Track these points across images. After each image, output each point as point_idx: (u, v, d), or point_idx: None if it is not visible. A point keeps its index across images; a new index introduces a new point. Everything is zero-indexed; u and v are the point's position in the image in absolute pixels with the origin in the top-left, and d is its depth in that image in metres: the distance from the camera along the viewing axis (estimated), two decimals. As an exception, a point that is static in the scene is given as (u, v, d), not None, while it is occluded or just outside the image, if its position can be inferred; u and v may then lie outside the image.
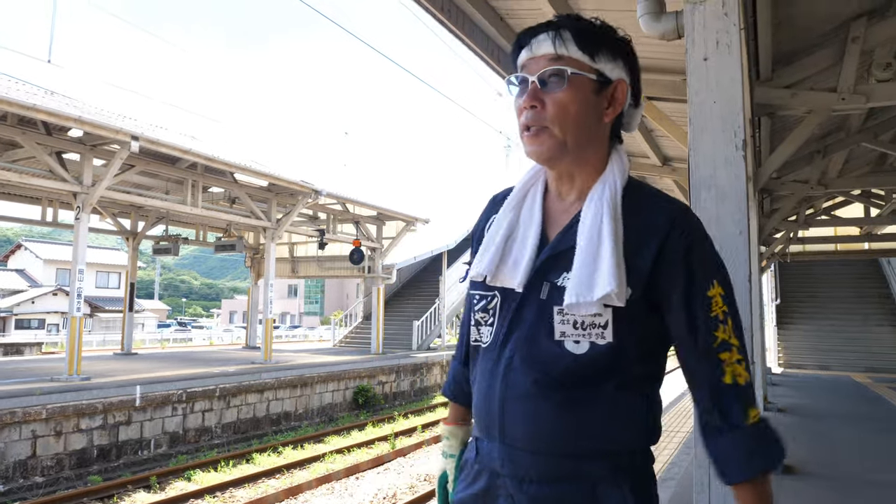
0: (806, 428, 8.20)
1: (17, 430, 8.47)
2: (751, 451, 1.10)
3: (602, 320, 1.12)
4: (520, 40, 1.24)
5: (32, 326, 39.63)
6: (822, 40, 4.91)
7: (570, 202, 1.25)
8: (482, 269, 1.23)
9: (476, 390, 1.27)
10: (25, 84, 13.34)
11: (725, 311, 1.14)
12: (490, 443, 1.22)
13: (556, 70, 1.17)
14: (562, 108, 1.17)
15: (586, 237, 1.15)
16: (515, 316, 1.20)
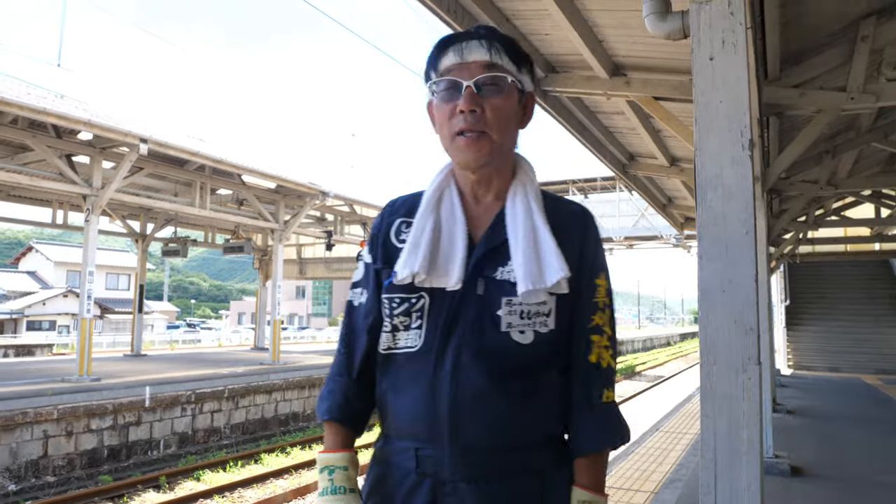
0: (815, 430, 8.15)
1: (28, 430, 8.53)
2: (600, 429, 1.23)
3: (546, 308, 1.19)
4: (443, 44, 1.24)
5: (43, 328, 39.88)
6: (831, 39, 4.88)
7: (488, 202, 1.28)
8: (415, 268, 1.20)
9: (407, 398, 1.21)
10: (35, 88, 13.43)
11: (606, 303, 1.26)
12: (437, 450, 1.17)
13: (495, 77, 1.20)
14: (500, 114, 1.20)
15: (521, 231, 1.20)
16: (453, 314, 1.19)
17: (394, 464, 1.23)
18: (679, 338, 61.79)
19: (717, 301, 1.78)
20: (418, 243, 1.23)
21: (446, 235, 1.24)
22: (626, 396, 17.78)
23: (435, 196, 1.29)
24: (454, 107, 1.20)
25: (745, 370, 1.75)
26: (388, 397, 1.26)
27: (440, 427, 1.16)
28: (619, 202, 25.00)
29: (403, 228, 1.30)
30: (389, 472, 1.24)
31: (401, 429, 1.23)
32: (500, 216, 1.24)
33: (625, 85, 5.24)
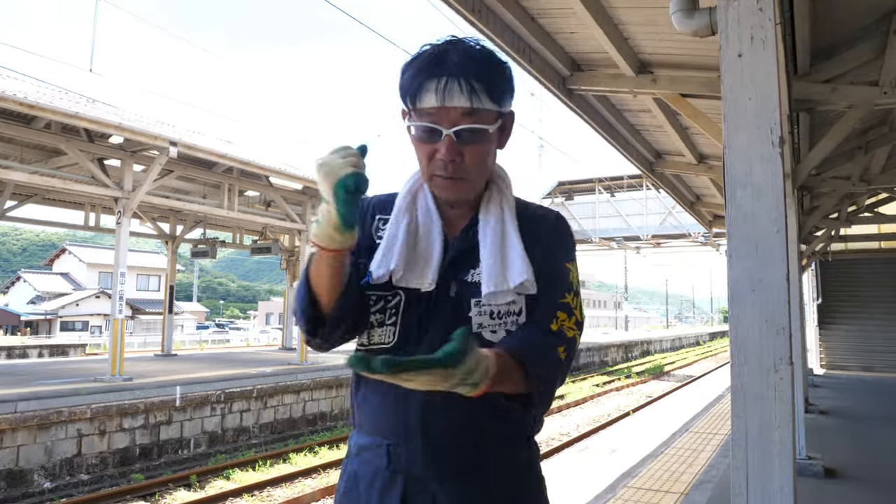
0: (848, 430, 8.00)
1: (63, 428, 8.71)
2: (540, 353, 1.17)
3: (517, 307, 1.22)
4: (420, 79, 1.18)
5: (76, 328, 40.74)
6: (863, 33, 4.78)
7: (463, 209, 1.30)
8: (391, 266, 1.21)
9: (379, 394, 1.23)
10: (68, 93, 13.71)
11: (578, 289, 1.28)
12: (409, 446, 1.19)
13: (476, 129, 1.18)
14: (480, 160, 1.22)
15: (491, 235, 1.23)
16: (426, 314, 1.22)
17: (366, 459, 1.24)
18: (708, 337, 60.99)
19: (748, 301, 1.76)
20: (393, 243, 1.25)
21: (423, 235, 1.27)
22: (654, 396, 17.61)
23: (408, 198, 1.31)
24: (433, 149, 1.20)
25: (776, 370, 1.73)
26: (361, 392, 1.28)
27: (412, 424, 1.19)
28: (646, 200, 24.79)
29: (381, 225, 1.31)
30: (362, 468, 1.25)
31: (374, 424, 1.25)
32: (474, 220, 1.27)
33: (651, 82, 5.19)
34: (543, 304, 1.23)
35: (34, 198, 14.54)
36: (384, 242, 1.26)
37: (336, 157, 1.04)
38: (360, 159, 1.05)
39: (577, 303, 1.26)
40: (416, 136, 1.23)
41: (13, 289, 46.47)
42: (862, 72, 5.06)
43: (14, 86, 10.94)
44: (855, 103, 4.98)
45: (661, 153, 8.45)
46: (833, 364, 17.34)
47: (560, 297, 1.24)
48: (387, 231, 1.28)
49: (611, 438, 9.18)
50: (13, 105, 9.15)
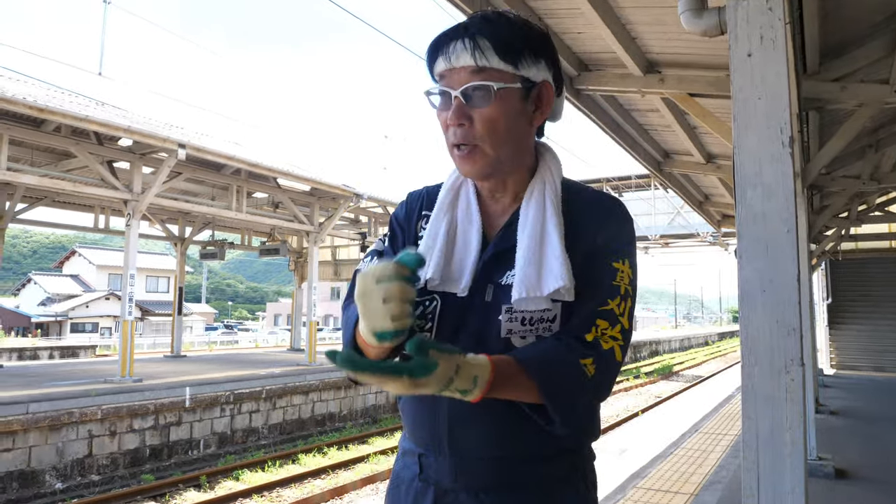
0: (860, 431, 7.95)
1: (74, 429, 8.77)
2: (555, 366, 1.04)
3: (551, 315, 1.11)
4: (434, 47, 1.15)
5: (87, 330, 40.97)
6: (873, 31, 4.75)
7: (506, 203, 1.22)
8: (428, 273, 1.16)
9: (415, 403, 1.20)
10: (78, 96, 13.81)
11: (629, 291, 1.13)
12: (438, 457, 1.16)
13: (480, 85, 1.10)
14: (491, 125, 1.11)
15: (528, 234, 1.13)
16: (460, 320, 1.15)
17: (407, 464, 1.23)
18: (717, 337, 60.74)
19: (758, 301, 1.75)
20: (431, 247, 1.19)
21: (461, 238, 1.20)
22: (663, 397, 17.56)
23: (450, 195, 1.25)
24: (446, 118, 1.13)
25: (787, 371, 1.72)
26: (403, 397, 1.23)
27: (440, 435, 1.15)
28: (654, 200, 24.70)
29: (424, 224, 1.26)
30: (404, 472, 1.23)
31: (411, 431, 1.22)
32: (515, 218, 1.18)
33: (659, 82, 5.18)
34: (583, 311, 1.11)
35: (44, 200, 14.64)
36: (422, 248, 1.20)
37: (377, 296, 0.93)
38: (406, 291, 0.94)
39: (626, 308, 1.12)
40: (436, 105, 1.17)
41: (24, 291, 46.80)
42: (872, 70, 5.02)
43: (24, 89, 11.02)
44: (865, 102, 4.95)
45: (669, 153, 8.42)
46: (843, 364, 17.24)
47: (602, 303, 1.11)
48: (426, 234, 1.22)
49: (620, 439, 9.16)
50: (24, 108, 9.22)
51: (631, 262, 1.15)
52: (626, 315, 1.12)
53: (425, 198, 1.30)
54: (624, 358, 1.12)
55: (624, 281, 1.13)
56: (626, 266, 1.14)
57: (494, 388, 0.98)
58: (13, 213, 13.80)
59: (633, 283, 1.15)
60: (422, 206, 1.29)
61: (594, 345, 1.07)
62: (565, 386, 1.05)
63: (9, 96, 8.92)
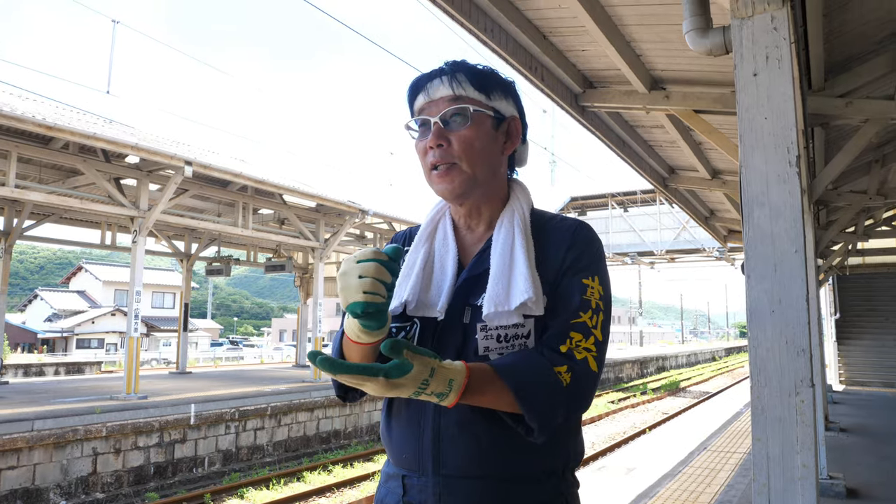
0: (870, 449, 7.86)
1: (78, 447, 8.75)
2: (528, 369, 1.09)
3: (524, 330, 1.16)
4: (414, 86, 1.28)
5: (92, 346, 41.01)
6: (878, 47, 4.76)
7: (480, 233, 1.31)
8: (404, 297, 1.23)
9: (398, 425, 1.24)
10: (86, 114, 13.92)
11: (600, 305, 1.18)
12: (422, 478, 1.18)
13: (458, 109, 1.22)
14: (468, 144, 1.22)
15: (498, 256, 1.20)
16: (439, 343, 1.20)
17: (389, 489, 1.25)
18: (724, 352, 60.39)
19: (767, 322, 1.74)
20: (408, 274, 1.27)
21: (438, 265, 1.28)
22: (670, 413, 17.42)
23: (429, 227, 1.34)
24: (426, 143, 1.23)
25: (797, 392, 1.70)
26: (386, 422, 1.28)
27: (424, 455, 1.17)
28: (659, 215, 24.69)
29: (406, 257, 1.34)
30: (386, 499, 1.25)
31: (393, 454, 1.25)
32: (488, 244, 1.26)
33: (664, 99, 5.18)
34: (556, 324, 1.16)
35: (52, 217, 14.72)
36: (400, 276, 1.27)
37: (354, 273, 1.03)
38: (382, 271, 1.03)
39: (598, 321, 1.17)
40: (415, 137, 1.28)
41: (30, 307, 46.92)
42: (877, 86, 5.03)
43: (33, 107, 11.11)
44: (870, 117, 4.95)
45: (674, 168, 8.42)
46: (852, 380, 17.10)
47: (573, 315, 1.16)
48: (405, 264, 1.31)
49: (627, 457, 9.07)
50: (32, 126, 9.29)
51: (601, 279, 1.21)
52: (598, 327, 1.16)
53: (408, 236, 1.41)
54: (600, 370, 1.16)
55: (594, 296, 1.18)
56: (596, 282, 1.20)
57: (470, 393, 1.03)
58: (21, 229, 13.88)
59: (605, 298, 1.19)
60: (407, 243, 1.38)
61: (568, 355, 1.12)
62: (540, 390, 1.08)
63: (18, 114, 9.00)
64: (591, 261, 1.22)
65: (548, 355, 1.11)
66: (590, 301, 1.17)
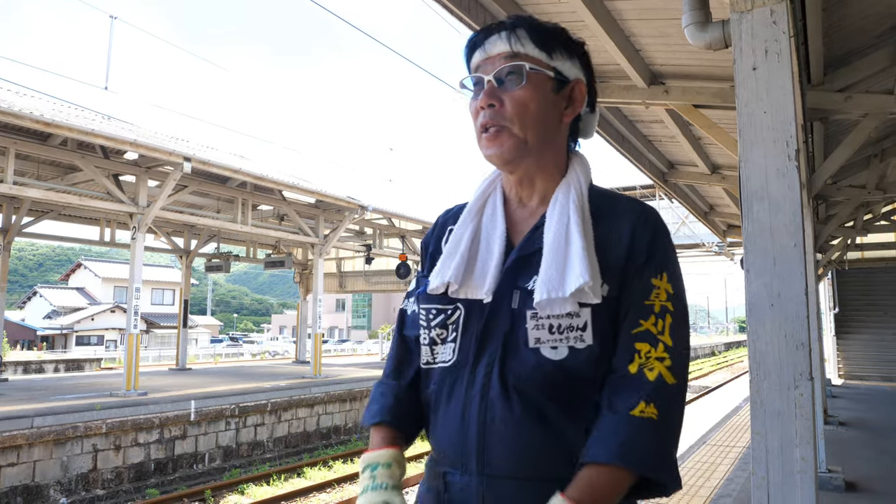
0: (869, 442, 7.88)
1: (79, 444, 8.76)
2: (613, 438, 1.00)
3: (580, 321, 1.06)
4: (471, 42, 1.19)
5: (92, 343, 41.01)
6: (877, 41, 4.75)
7: (532, 207, 1.20)
8: (447, 277, 1.14)
9: (441, 418, 1.14)
10: (84, 110, 13.89)
11: (666, 307, 1.08)
12: (464, 476, 1.09)
13: (513, 67, 1.13)
14: (521, 106, 1.12)
15: (553, 236, 1.10)
16: (486, 329, 1.11)
17: (430, 487, 1.17)
18: (724, 347, 60.42)
19: (766, 316, 1.74)
20: (453, 252, 1.17)
21: (485, 243, 1.18)
22: (669, 408, 17.43)
23: (479, 202, 1.24)
24: (478, 104, 1.15)
25: (796, 386, 1.71)
26: (428, 415, 1.19)
27: (468, 451, 1.08)
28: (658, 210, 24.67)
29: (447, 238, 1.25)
30: (427, 495, 1.17)
31: (436, 450, 1.17)
32: (541, 221, 1.15)
33: (663, 93, 5.18)
34: (620, 337, 1.07)
35: (50, 214, 14.71)
36: (445, 252, 1.19)
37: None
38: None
39: (665, 326, 1.06)
40: (469, 96, 1.19)
41: (29, 304, 46.91)
42: (876, 80, 5.02)
43: (31, 104, 11.09)
44: (869, 112, 4.95)
45: (673, 163, 8.42)
46: (851, 374, 17.14)
47: (635, 324, 1.07)
48: (450, 240, 1.21)
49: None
50: (30, 123, 9.27)
51: (670, 275, 1.11)
52: (666, 332, 1.07)
53: (453, 215, 1.30)
54: (680, 377, 1.06)
55: (660, 297, 1.09)
56: (664, 280, 1.10)
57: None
58: (19, 226, 13.86)
59: (675, 297, 1.10)
60: (447, 223, 1.29)
61: (638, 380, 1.04)
62: (640, 449, 1.00)
63: (16, 111, 8.98)
64: (659, 254, 1.11)
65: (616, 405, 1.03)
66: (653, 305, 1.08)
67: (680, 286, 1.12)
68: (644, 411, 1.01)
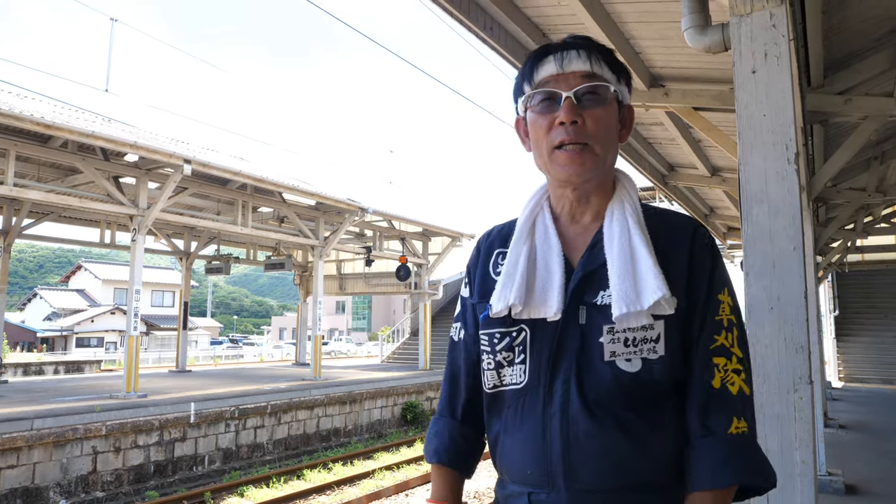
0: (869, 446, 7.87)
1: (78, 446, 8.75)
2: (721, 461, 1.06)
3: (654, 333, 1.09)
4: (541, 55, 1.20)
5: (92, 344, 40.98)
6: (877, 44, 4.76)
7: (585, 223, 1.22)
8: (510, 300, 1.15)
9: (517, 440, 1.15)
10: (84, 112, 13.90)
11: (731, 321, 1.14)
12: (552, 493, 1.10)
13: (594, 87, 1.15)
14: (603, 125, 1.15)
15: (617, 251, 1.12)
16: (556, 346, 1.12)
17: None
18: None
19: (766, 319, 1.74)
20: (512, 274, 1.18)
21: (542, 263, 1.19)
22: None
23: (528, 222, 1.25)
24: (552, 119, 1.15)
25: (796, 389, 1.71)
26: (500, 439, 1.20)
27: (554, 469, 1.09)
28: (658, 213, 24.65)
29: (500, 260, 1.25)
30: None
31: (513, 472, 1.16)
32: (598, 237, 1.17)
33: (663, 96, 5.18)
34: (697, 354, 1.12)
35: (51, 215, 14.71)
36: (503, 275, 1.20)
37: None
38: None
39: (734, 338, 1.12)
40: (535, 110, 1.18)
41: (29, 305, 46.89)
42: (876, 83, 5.03)
43: (31, 106, 11.10)
44: (869, 114, 4.95)
45: (673, 166, 8.42)
46: (851, 377, 17.13)
47: (710, 340, 1.11)
48: (505, 263, 1.22)
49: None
50: (31, 125, 9.28)
51: (729, 289, 1.17)
52: (736, 344, 1.13)
53: (496, 237, 1.31)
54: (752, 386, 1.14)
55: (725, 311, 1.14)
56: (726, 295, 1.15)
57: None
58: (20, 228, 13.87)
59: (736, 310, 1.16)
60: (493, 246, 1.31)
61: (724, 396, 1.10)
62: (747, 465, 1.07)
63: (16, 113, 8.98)
64: (719, 271, 1.16)
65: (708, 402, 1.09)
66: (722, 320, 1.13)
67: (735, 297, 1.18)
68: (738, 427, 1.08)
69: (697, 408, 1.10)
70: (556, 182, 1.21)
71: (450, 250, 20.60)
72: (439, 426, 1.32)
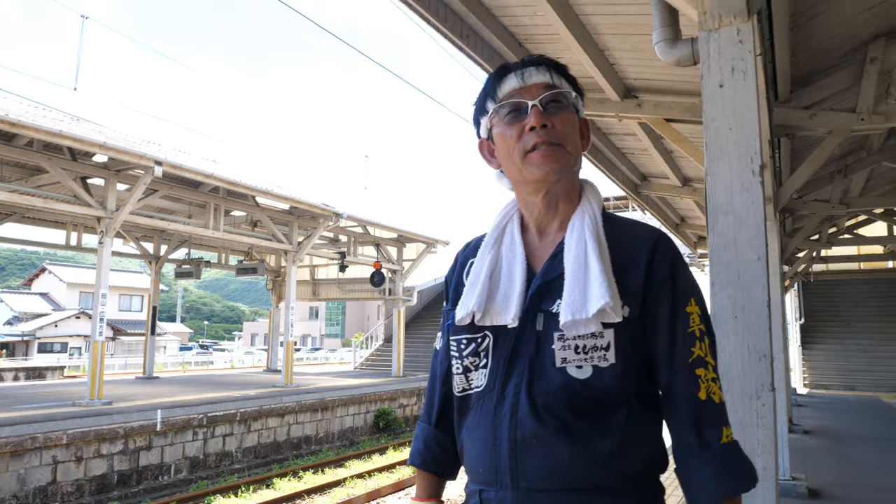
0: (832, 450, 8.03)
1: (37, 455, 8.54)
2: (721, 473, 1.09)
3: (604, 342, 1.12)
4: (502, 72, 1.27)
5: (55, 350, 40.05)
6: (841, 61, 4.89)
7: (552, 233, 1.26)
8: (471, 307, 1.20)
9: (474, 439, 1.20)
10: (52, 110, 13.64)
11: (702, 330, 1.16)
12: (500, 492, 1.14)
13: (556, 95, 1.22)
14: (570, 126, 1.22)
15: (572, 261, 1.15)
16: (513, 352, 1.17)
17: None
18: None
19: (730, 327, 1.78)
20: (475, 283, 1.23)
21: (506, 271, 1.23)
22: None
23: (496, 233, 1.29)
24: (522, 127, 1.20)
25: (758, 397, 1.74)
26: (463, 439, 1.25)
27: (502, 468, 1.13)
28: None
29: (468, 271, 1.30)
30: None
31: (470, 471, 1.22)
32: (561, 247, 1.20)
33: (636, 107, 5.26)
34: (676, 368, 1.14)
35: (13, 216, 14.39)
36: (468, 284, 1.25)
37: None
38: None
39: (706, 348, 1.15)
40: (504, 122, 1.24)
41: (-9, 309, 45.74)
42: (840, 99, 5.16)
43: (-3, 105, 10.86)
44: (833, 129, 5.08)
45: (646, 176, 8.54)
46: (816, 383, 17.48)
47: (688, 353, 1.14)
48: (471, 272, 1.27)
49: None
50: (-4, 125, 9.08)
51: (696, 298, 1.19)
52: (709, 353, 1.16)
53: (472, 249, 1.36)
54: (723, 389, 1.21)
55: (696, 322, 1.16)
56: (694, 304, 1.17)
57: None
58: (-17, 230, 13.55)
59: (705, 318, 1.19)
60: (468, 257, 1.35)
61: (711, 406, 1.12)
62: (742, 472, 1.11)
63: (-19, 112, 8.79)
64: (682, 281, 1.18)
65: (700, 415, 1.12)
66: (694, 332, 1.15)
67: (704, 303, 1.20)
68: (728, 436, 1.12)
69: (689, 421, 1.13)
70: (529, 187, 1.24)
71: (424, 257, 20.60)
72: (418, 431, 1.40)
